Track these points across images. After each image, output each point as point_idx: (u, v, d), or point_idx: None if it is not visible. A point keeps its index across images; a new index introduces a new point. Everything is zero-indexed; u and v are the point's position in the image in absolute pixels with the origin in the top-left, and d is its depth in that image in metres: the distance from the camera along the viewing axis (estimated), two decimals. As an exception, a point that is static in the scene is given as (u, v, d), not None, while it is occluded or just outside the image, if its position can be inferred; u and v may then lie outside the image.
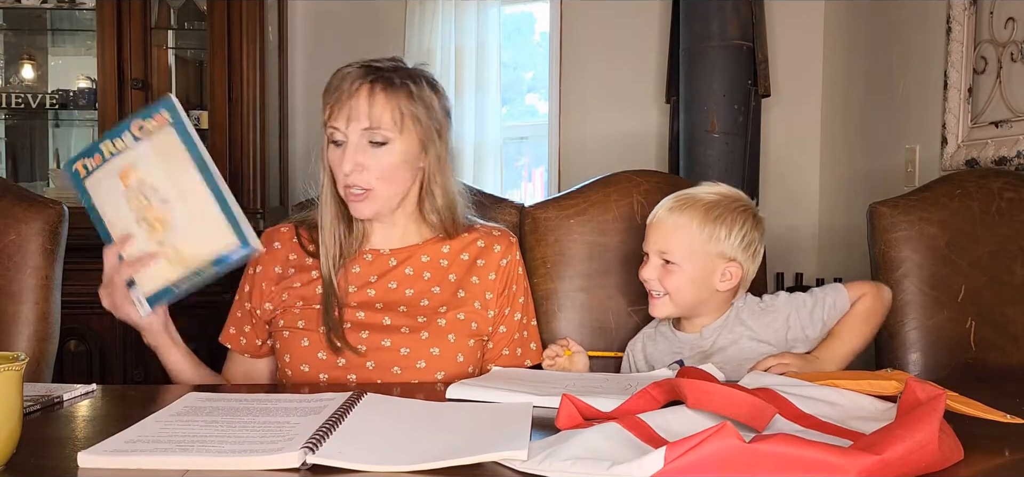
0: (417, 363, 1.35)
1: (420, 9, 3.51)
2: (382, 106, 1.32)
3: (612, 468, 0.77)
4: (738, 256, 1.37)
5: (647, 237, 1.41)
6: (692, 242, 1.35)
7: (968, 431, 0.90)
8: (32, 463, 0.88)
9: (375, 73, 1.34)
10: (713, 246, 1.35)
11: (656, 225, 1.39)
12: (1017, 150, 2.05)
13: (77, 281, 1.72)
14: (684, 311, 1.41)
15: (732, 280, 1.38)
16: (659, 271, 1.37)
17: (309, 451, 0.83)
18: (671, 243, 1.36)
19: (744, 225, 1.37)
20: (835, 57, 3.23)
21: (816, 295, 1.40)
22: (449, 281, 1.43)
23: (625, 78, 3.45)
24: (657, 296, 1.38)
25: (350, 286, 1.40)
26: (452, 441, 0.90)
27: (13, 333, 1.46)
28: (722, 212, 1.36)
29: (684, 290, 1.37)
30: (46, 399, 1.12)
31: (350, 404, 1.02)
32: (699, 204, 1.37)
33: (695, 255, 1.35)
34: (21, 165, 3.43)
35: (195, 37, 3.31)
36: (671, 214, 1.37)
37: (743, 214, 1.38)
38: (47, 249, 1.50)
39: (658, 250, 1.37)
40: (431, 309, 1.39)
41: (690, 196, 1.39)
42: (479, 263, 1.45)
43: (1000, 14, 2.16)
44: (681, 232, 1.35)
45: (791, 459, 0.75)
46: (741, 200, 1.40)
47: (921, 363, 1.53)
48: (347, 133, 1.33)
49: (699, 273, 1.36)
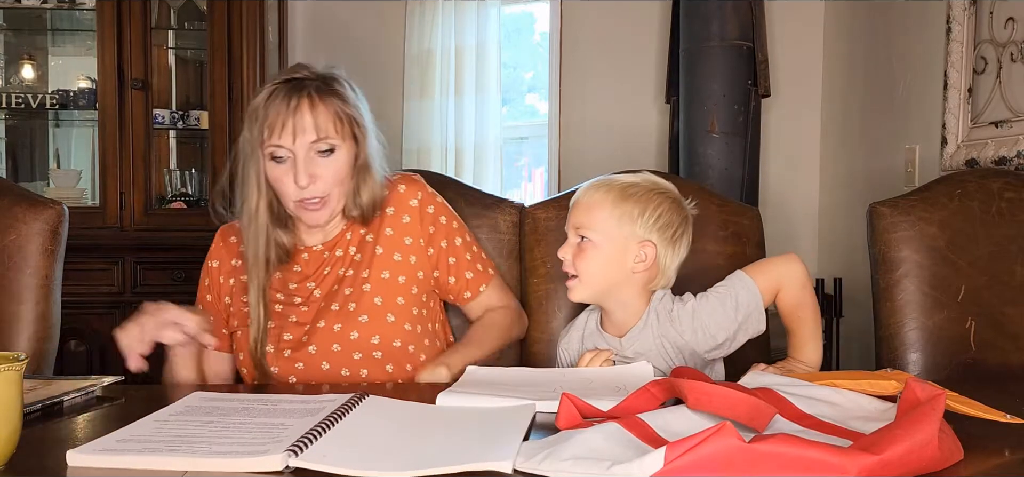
0: (350, 334, 1.38)
1: (420, 9, 3.51)
2: (325, 115, 1.34)
3: (612, 468, 0.77)
4: (652, 237, 1.35)
5: (568, 218, 1.40)
6: (606, 219, 1.34)
7: (968, 431, 0.90)
8: (32, 463, 0.88)
9: (307, 85, 1.35)
10: (626, 225, 1.34)
11: (574, 204, 1.39)
12: (1017, 150, 2.05)
13: (77, 281, 1.72)
14: (598, 296, 1.39)
15: (646, 261, 1.35)
16: (573, 250, 1.36)
17: (292, 454, 0.83)
18: (585, 219, 1.35)
19: (660, 207, 1.36)
20: (835, 57, 3.23)
21: (722, 292, 1.36)
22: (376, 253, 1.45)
23: (625, 78, 3.45)
24: (570, 275, 1.37)
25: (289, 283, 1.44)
26: (443, 446, 0.90)
27: (13, 333, 1.46)
28: (639, 193, 1.36)
29: (597, 271, 1.35)
30: (46, 399, 1.12)
31: (350, 406, 1.02)
32: (616, 184, 1.37)
33: (608, 232, 1.34)
34: (21, 165, 3.43)
35: (195, 37, 3.31)
36: (587, 192, 1.37)
37: (662, 198, 1.37)
38: (47, 249, 1.50)
39: (574, 226, 1.37)
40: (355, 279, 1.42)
41: (611, 178, 1.39)
42: (388, 211, 1.47)
43: (1000, 14, 2.16)
44: (595, 209, 1.35)
45: (791, 459, 0.75)
46: (663, 187, 1.39)
47: (921, 363, 1.53)
48: (294, 149, 1.33)
49: (612, 252, 1.34)
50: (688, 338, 1.35)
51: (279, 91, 1.34)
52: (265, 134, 1.33)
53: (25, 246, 1.49)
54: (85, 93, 3.17)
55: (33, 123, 3.38)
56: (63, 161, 3.44)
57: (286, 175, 1.34)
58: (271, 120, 1.32)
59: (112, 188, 3.03)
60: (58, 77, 3.35)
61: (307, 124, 1.33)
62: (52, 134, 3.43)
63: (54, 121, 3.38)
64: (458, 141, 3.49)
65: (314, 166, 1.34)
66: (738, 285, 1.36)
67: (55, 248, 1.51)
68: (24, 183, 3.15)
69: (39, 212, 1.50)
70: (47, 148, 3.43)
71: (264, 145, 1.34)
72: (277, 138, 1.32)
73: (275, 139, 1.32)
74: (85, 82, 3.21)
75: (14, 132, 3.43)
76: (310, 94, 1.34)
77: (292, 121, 1.32)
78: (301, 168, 1.33)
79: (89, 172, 3.28)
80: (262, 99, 1.35)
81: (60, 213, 1.53)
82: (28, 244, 1.49)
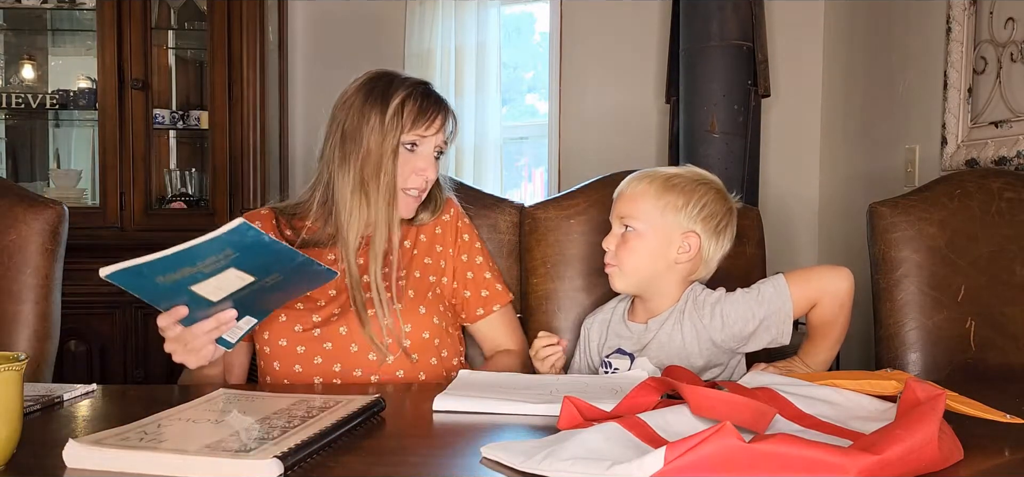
0: (384, 342, 1.41)
1: (420, 9, 3.51)
2: (447, 123, 1.48)
3: (612, 468, 0.77)
4: (696, 227, 1.36)
5: (612, 209, 1.42)
6: (650, 210, 1.35)
7: (968, 431, 0.90)
8: (32, 463, 0.88)
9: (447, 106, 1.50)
10: (669, 214, 1.35)
11: (619, 195, 1.41)
12: (1017, 150, 2.05)
13: (77, 281, 1.72)
14: (639, 285, 1.39)
15: (690, 252, 1.36)
16: (617, 240, 1.38)
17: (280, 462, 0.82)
18: (630, 209, 1.37)
19: (704, 197, 1.37)
20: (835, 57, 3.23)
21: (752, 287, 1.36)
22: (413, 254, 1.52)
23: (625, 78, 3.45)
24: (612, 265, 1.39)
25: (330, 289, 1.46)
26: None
27: (13, 333, 1.46)
28: (683, 183, 1.37)
29: (640, 262, 1.36)
30: (46, 399, 1.12)
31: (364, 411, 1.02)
32: (660, 175, 1.38)
33: (652, 222, 1.35)
34: (21, 165, 3.43)
35: (195, 37, 3.31)
36: (632, 183, 1.39)
37: (706, 189, 1.38)
38: (47, 249, 1.50)
39: (619, 216, 1.38)
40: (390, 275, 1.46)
41: (655, 170, 1.41)
42: (421, 239, 1.53)
43: (1000, 14, 2.16)
44: (639, 199, 1.36)
45: (791, 459, 0.75)
46: (707, 178, 1.40)
47: (921, 363, 1.53)
48: (427, 145, 1.45)
49: (657, 242, 1.35)
50: (706, 323, 1.35)
51: (433, 94, 1.47)
52: (418, 125, 1.44)
53: (25, 246, 1.49)
54: (85, 93, 3.17)
55: (33, 123, 3.38)
56: (63, 161, 3.44)
57: (410, 162, 1.45)
58: (428, 117, 1.44)
59: (112, 188, 3.03)
60: (58, 77, 3.35)
61: (448, 127, 1.48)
62: (52, 134, 3.43)
63: (54, 121, 3.38)
64: (458, 141, 3.47)
65: (432, 167, 1.47)
66: (770, 283, 1.36)
67: (55, 248, 1.51)
68: (24, 183, 3.15)
69: (39, 212, 1.50)
70: (47, 148, 3.43)
71: (405, 131, 1.43)
72: (425, 130, 1.44)
73: (419, 130, 1.44)
74: (85, 82, 3.21)
75: (14, 132, 3.43)
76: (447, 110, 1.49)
77: (437, 121, 1.45)
78: (430, 162, 1.46)
79: (89, 172, 3.28)
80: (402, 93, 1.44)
81: (60, 213, 1.53)
82: (28, 244, 1.49)
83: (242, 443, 0.88)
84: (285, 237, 1.47)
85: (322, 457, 0.89)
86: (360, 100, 1.44)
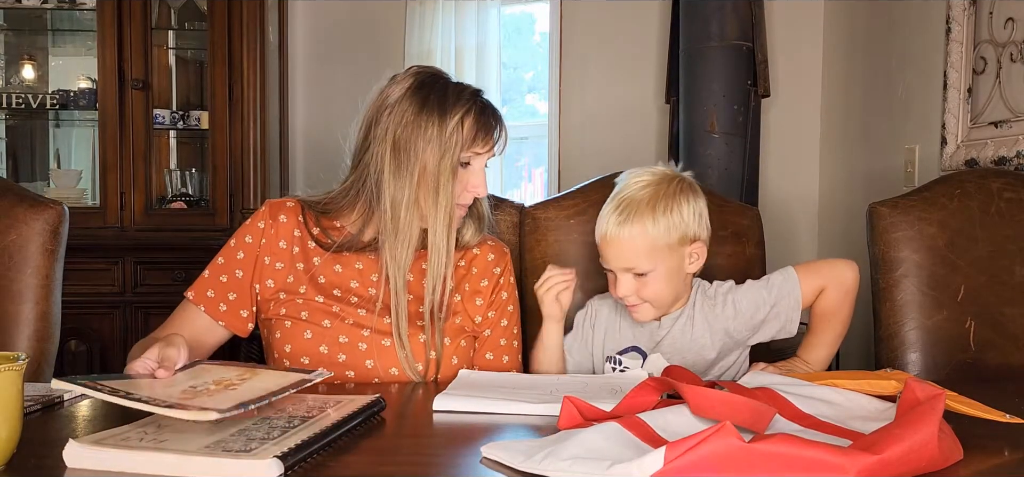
0: (417, 365, 1.37)
1: (420, 9, 3.51)
2: (505, 136, 1.44)
3: (612, 468, 0.77)
4: (698, 233, 1.37)
5: (604, 255, 1.37)
6: (654, 245, 1.33)
7: (968, 431, 0.90)
8: (32, 463, 0.88)
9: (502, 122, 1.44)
10: (673, 236, 1.34)
11: (611, 243, 1.35)
12: (1016, 150, 2.05)
13: (77, 281, 1.72)
14: (666, 308, 1.40)
15: (700, 258, 1.38)
16: (634, 285, 1.35)
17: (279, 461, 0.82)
18: (634, 257, 1.33)
19: (688, 199, 1.36)
20: (835, 57, 3.23)
21: (763, 279, 1.39)
22: (464, 289, 1.46)
23: (625, 78, 3.45)
24: (636, 305, 1.37)
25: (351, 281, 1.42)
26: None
27: (13, 333, 1.46)
28: (665, 200, 1.34)
29: (663, 291, 1.36)
30: (46, 399, 1.12)
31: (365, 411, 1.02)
32: (642, 205, 1.34)
33: (661, 255, 1.33)
34: (22, 165, 3.43)
35: (195, 37, 3.31)
36: (622, 228, 1.33)
37: (681, 189, 1.37)
38: (48, 249, 1.50)
39: (624, 267, 1.35)
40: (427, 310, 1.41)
41: (630, 200, 1.35)
42: (473, 270, 1.48)
43: (1000, 14, 2.16)
44: (639, 241, 1.32)
45: (791, 459, 0.75)
46: (672, 176, 1.39)
47: (920, 363, 1.53)
48: (480, 161, 1.41)
49: (671, 269, 1.35)
50: (719, 312, 1.37)
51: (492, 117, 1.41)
52: (477, 142, 1.39)
53: (25, 246, 1.49)
54: (85, 93, 3.17)
55: (33, 123, 3.38)
56: (63, 161, 3.44)
57: (464, 179, 1.40)
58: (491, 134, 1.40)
59: (112, 188, 3.03)
60: (58, 77, 3.35)
61: (498, 148, 1.43)
62: (52, 134, 3.43)
63: (54, 121, 3.38)
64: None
65: (484, 184, 1.43)
66: (779, 273, 1.39)
67: (55, 248, 1.51)
68: (24, 183, 3.15)
69: (40, 212, 1.50)
70: (47, 148, 3.44)
71: (466, 149, 1.38)
72: (481, 147, 1.39)
73: (477, 148, 1.39)
74: (85, 82, 3.21)
75: (14, 132, 3.43)
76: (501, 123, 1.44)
77: (492, 138, 1.41)
78: (482, 179, 1.42)
79: (89, 172, 3.29)
80: (461, 108, 1.37)
81: (60, 213, 1.53)
82: (28, 244, 1.49)
83: (243, 443, 0.88)
84: (312, 234, 1.42)
85: (322, 457, 0.89)
86: (414, 109, 1.36)
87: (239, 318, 1.41)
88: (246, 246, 1.42)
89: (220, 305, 1.40)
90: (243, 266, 1.41)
